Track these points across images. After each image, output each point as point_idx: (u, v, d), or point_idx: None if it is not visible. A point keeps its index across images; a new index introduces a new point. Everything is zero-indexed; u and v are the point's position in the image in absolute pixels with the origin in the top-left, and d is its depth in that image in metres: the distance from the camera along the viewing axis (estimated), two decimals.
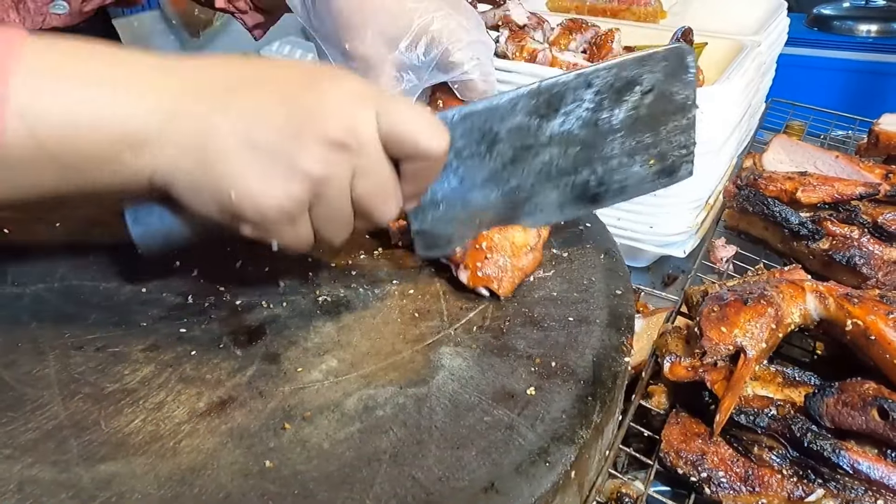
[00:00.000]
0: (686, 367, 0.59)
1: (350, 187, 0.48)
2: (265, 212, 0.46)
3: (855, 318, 0.59)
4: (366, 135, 0.46)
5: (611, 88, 0.57)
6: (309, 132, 0.45)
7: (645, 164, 0.61)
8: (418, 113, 0.49)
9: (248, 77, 0.47)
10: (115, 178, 0.45)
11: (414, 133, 0.48)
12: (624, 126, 0.58)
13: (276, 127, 0.45)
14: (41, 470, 0.43)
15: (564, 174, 0.60)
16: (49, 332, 0.55)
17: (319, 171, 0.46)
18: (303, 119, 0.45)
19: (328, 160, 0.46)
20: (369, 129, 0.47)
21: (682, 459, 0.56)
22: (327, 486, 0.43)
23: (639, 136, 0.59)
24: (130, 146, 0.43)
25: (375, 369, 0.53)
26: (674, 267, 1.02)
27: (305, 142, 0.45)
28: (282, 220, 0.47)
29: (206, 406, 0.49)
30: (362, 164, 0.47)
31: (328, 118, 0.45)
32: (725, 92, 0.84)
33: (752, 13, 1.16)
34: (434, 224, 0.59)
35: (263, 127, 0.45)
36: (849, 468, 0.52)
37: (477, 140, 0.56)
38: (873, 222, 0.82)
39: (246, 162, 0.44)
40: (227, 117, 0.44)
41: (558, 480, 0.45)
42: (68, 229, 0.68)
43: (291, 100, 0.46)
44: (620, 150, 0.59)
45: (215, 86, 0.46)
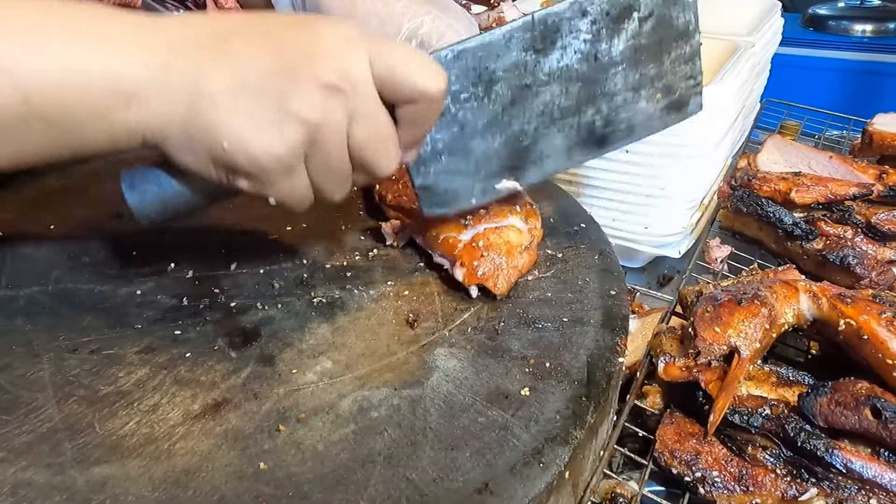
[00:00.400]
0: (680, 367, 0.60)
1: (346, 134, 0.46)
2: (259, 160, 0.45)
3: (848, 318, 0.59)
4: (360, 77, 0.45)
5: (607, 16, 0.55)
6: (301, 75, 0.44)
7: (651, 98, 0.59)
8: (412, 53, 0.48)
9: (238, 27, 0.46)
10: (108, 135, 0.44)
11: (410, 73, 0.47)
12: (625, 57, 0.56)
13: (267, 71, 0.44)
14: (35, 473, 0.43)
15: (568, 115, 0.57)
16: (43, 334, 0.55)
17: (313, 115, 0.44)
18: (295, 62, 0.44)
19: (322, 104, 0.44)
20: (363, 71, 0.45)
21: (676, 459, 0.56)
22: (322, 488, 0.43)
23: (642, 67, 0.57)
24: (121, 100, 0.43)
25: (370, 370, 0.53)
26: (669, 267, 1.02)
27: (298, 85, 0.44)
28: (277, 170, 0.46)
29: (201, 408, 0.49)
30: (358, 107, 0.46)
31: (320, 60, 0.44)
32: (719, 92, 0.85)
33: (746, 14, 1.16)
34: (437, 178, 0.56)
35: (254, 71, 0.44)
36: (842, 467, 0.52)
37: (473, 81, 0.54)
38: (867, 222, 0.82)
39: (237, 109, 0.43)
40: (217, 64, 0.44)
41: (552, 481, 0.45)
42: (63, 232, 0.68)
43: (283, 44, 0.45)
44: (624, 84, 0.57)
45: (206, 37, 0.45)
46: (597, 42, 0.55)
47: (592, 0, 0.54)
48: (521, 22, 0.54)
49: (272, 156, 0.45)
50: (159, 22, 0.46)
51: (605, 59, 0.56)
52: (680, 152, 0.85)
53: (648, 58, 0.57)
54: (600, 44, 0.55)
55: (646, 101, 0.58)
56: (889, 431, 0.52)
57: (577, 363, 0.54)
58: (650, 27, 0.56)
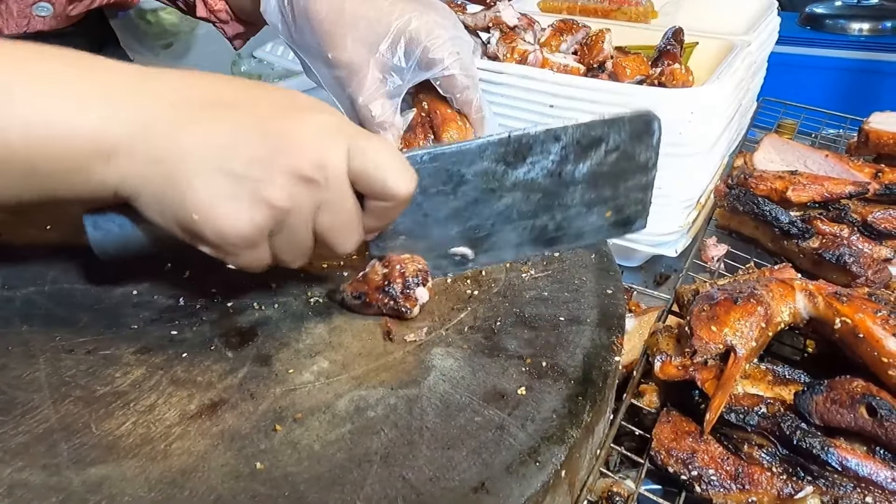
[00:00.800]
0: (677, 365, 0.60)
1: (313, 219, 0.48)
2: (226, 237, 0.46)
3: (844, 317, 0.59)
4: (335, 171, 0.47)
5: (577, 144, 0.59)
6: (278, 163, 0.45)
7: (602, 214, 0.63)
8: (390, 153, 0.50)
9: (224, 97, 0.47)
10: (82, 186, 0.45)
11: (384, 174, 0.49)
12: (585, 179, 0.61)
13: (246, 154, 0.45)
14: (31, 474, 0.43)
15: (524, 217, 0.61)
16: (40, 335, 0.55)
17: (284, 202, 0.46)
18: (274, 149, 0.45)
19: (294, 193, 0.46)
20: (339, 165, 0.47)
21: (672, 458, 0.57)
22: (318, 488, 0.43)
23: (599, 189, 0.61)
24: (101, 155, 0.43)
25: (367, 370, 0.53)
26: (666, 266, 1.02)
27: (274, 172, 0.45)
28: (241, 245, 0.47)
29: (198, 408, 0.49)
30: (328, 198, 0.48)
31: (299, 151, 0.46)
32: (716, 91, 0.85)
33: (743, 13, 1.16)
34: (393, 251, 0.60)
35: (233, 153, 0.44)
36: (837, 465, 0.52)
37: (444, 180, 0.57)
38: (863, 221, 0.82)
39: (212, 186, 0.44)
40: (198, 137, 0.44)
41: (549, 480, 0.45)
42: (59, 232, 0.68)
43: (265, 127, 0.46)
44: (580, 200, 0.61)
45: (190, 102, 0.45)
46: (563, 163, 0.59)
47: (566, 129, 0.58)
48: (498, 138, 0.58)
49: (239, 235, 0.46)
50: (144, 75, 0.46)
51: (568, 178, 0.60)
52: (676, 151, 0.85)
53: (606, 182, 0.61)
54: (566, 165, 0.60)
55: (596, 216, 0.63)
56: (885, 429, 0.52)
57: (573, 362, 0.54)
58: (613, 158, 0.60)
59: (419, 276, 0.57)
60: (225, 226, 0.45)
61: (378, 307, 0.57)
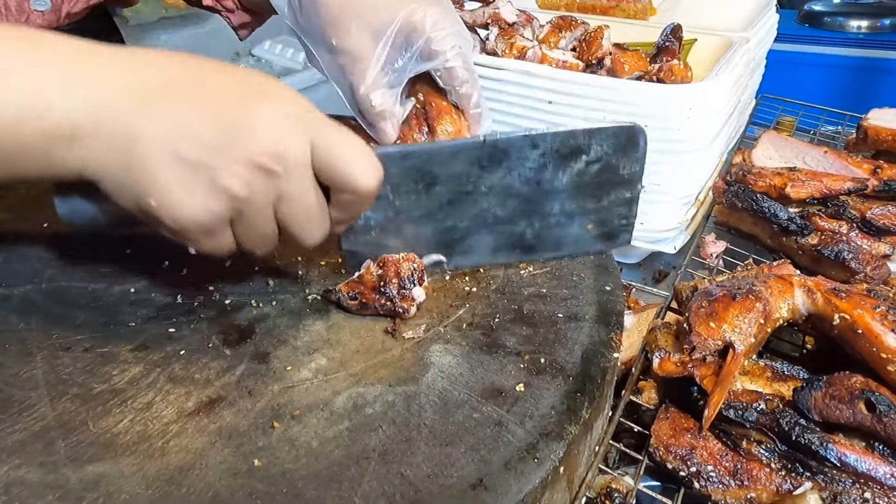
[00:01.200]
0: (675, 362, 0.60)
1: (273, 209, 0.48)
2: (183, 224, 0.46)
3: (842, 313, 0.59)
4: (294, 161, 0.46)
5: (556, 153, 0.58)
6: (235, 151, 0.45)
7: (583, 226, 0.63)
8: (355, 146, 0.49)
9: (184, 80, 0.46)
10: (46, 168, 0.45)
11: (348, 167, 0.48)
12: (566, 189, 0.60)
13: (202, 141, 0.44)
14: (28, 471, 0.42)
15: (501, 223, 0.61)
16: (37, 333, 0.55)
17: (240, 191, 0.46)
18: (231, 137, 0.45)
19: (251, 182, 0.46)
20: (299, 155, 0.47)
21: (671, 454, 0.56)
22: (316, 485, 0.43)
23: (580, 200, 0.61)
24: (61, 140, 0.43)
25: (365, 367, 0.53)
26: (664, 263, 1.02)
27: (230, 161, 0.45)
28: (199, 232, 0.47)
29: (195, 405, 0.49)
30: (288, 189, 0.47)
31: (257, 140, 0.45)
32: (714, 88, 0.84)
33: (741, 10, 1.16)
34: (364, 248, 0.59)
35: (190, 140, 0.44)
36: (836, 461, 0.52)
37: (415, 179, 0.57)
38: (861, 217, 0.82)
39: (169, 173, 0.44)
40: (154, 123, 0.44)
41: (547, 476, 0.45)
42: (56, 230, 0.68)
43: (223, 114, 0.45)
44: (560, 210, 0.61)
45: (149, 85, 0.45)
46: (542, 171, 0.59)
47: (545, 137, 0.57)
48: (472, 140, 0.57)
49: (196, 222, 0.46)
50: (105, 55, 0.46)
51: (547, 186, 0.60)
52: (675, 148, 0.85)
53: (588, 194, 0.61)
54: (544, 173, 0.59)
55: (577, 227, 0.63)
56: (883, 425, 0.52)
57: (571, 359, 0.54)
58: (595, 170, 0.60)
59: (415, 276, 0.57)
60: (180, 213, 0.45)
61: (375, 308, 0.57)
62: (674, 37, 0.97)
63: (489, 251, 0.62)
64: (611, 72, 0.93)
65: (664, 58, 0.93)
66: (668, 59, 0.92)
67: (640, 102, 0.83)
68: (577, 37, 0.99)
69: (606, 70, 0.94)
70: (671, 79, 0.89)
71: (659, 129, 0.84)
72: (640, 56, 0.94)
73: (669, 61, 0.91)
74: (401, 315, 0.57)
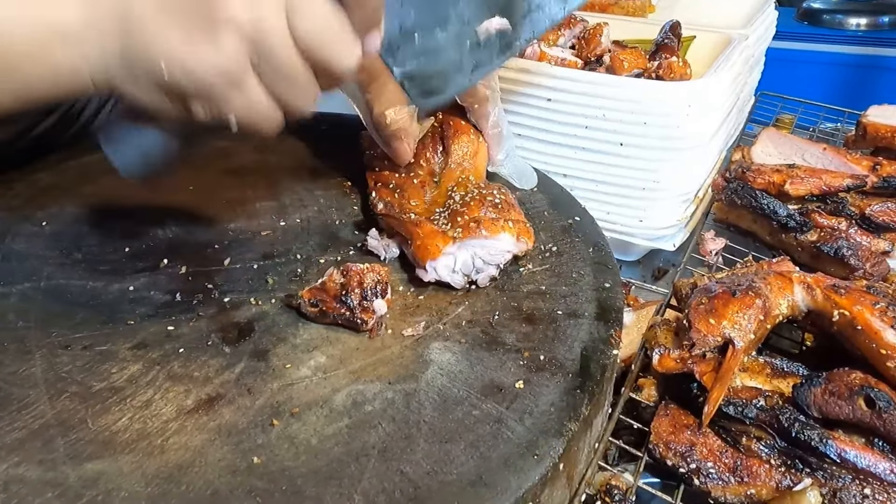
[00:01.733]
0: (675, 358, 0.60)
1: (290, 32, 0.43)
2: (199, 75, 0.42)
3: (842, 309, 0.59)
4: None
5: None
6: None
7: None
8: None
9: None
10: (52, 77, 0.44)
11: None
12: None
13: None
14: (27, 469, 0.42)
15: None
16: (35, 331, 0.54)
17: (244, 14, 0.41)
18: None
19: (254, 5, 0.41)
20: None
21: (671, 451, 0.56)
22: (315, 482, 0.43)
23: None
24: (56, 39, 0.43)
25: (364, 365, 0.53)
26: (664, 260, 1.02)
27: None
28: (222, 83, 0.43)
29: (194, 403, 0.49)
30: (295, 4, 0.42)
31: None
32: (713, 85, 0.84)
33: (740, 7, 1.16)
34: (418, 61, 0.51)
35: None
36: (836, 457, 0.52)
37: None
38: (861, 214, 0.82)
39: (166, 26, 0.42)
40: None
41: (546, 473, 0.45)
42: (55, 228, 0.68)
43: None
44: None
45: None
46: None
47: None
48: None
49: (211, 67, 0.42)
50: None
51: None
52: (674, 145, 0.85)
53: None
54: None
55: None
56: (883, 421, 0.52)
57: (571, 356, 0.54)
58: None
59: (378, 288, 0.55)
60: (193, 62, 0.42)
61: (333, 317, 0.55)
62: (673, 34, 0.98)
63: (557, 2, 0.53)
64: (610, 69, 0.93)
65: (663, 55, 0.93)
66: (667, 56, 0.92)
67: (639, 100, 0.83)
68: (576, 34, 0.99)
69: (605, 67, 0.94)
70: (670, 76, 0.89)
71: (658, 127, 0.84)
72: (639, 53, 0.94)
73: (668, 58, 0.91)
74: (358, 327, 0.55)
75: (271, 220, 0.70)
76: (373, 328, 0.55)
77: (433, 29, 0.50)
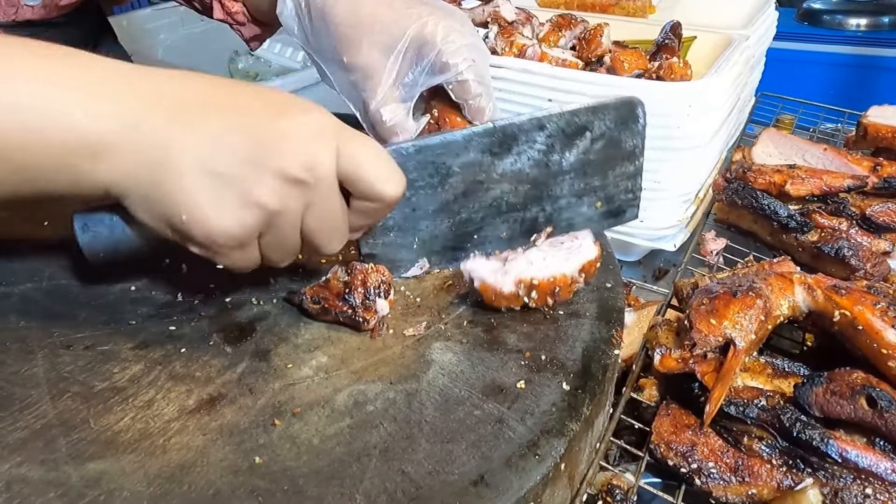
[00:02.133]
0: (676, 358, 0.60)
1: (301, 219, 0.48)
2: (215, 238, 0.46)
3: (843, 309, 0.59)
4: (324, 171, 0.47)
5: (562, 133, 0.59)
6: (268, 165, 0.45)
7: (592, 205, 0.63)
8: (378, 154, 0.50)
9: (214, 98, 0.46)
10: (72, 184, 0.45)
11: (373, 176, 0.49)
12: (573, 168, 0.61)
13: (235, 155, 0.44)
14: (29, 469, 0.42)
15: (514, 210, 0.61)
16: (37, 331, 0.55)
17: (273, 204, 0.46)
18: (263, 151, 0.45)
19: (283, 194, 0.46)
20: (328, 166, 0.47)
21: (672, 451, 0.56)
22: (317, 482, 0.43)
23: (587, 179, 0.62)
24: (87, 153, 0.43)
25: (366, 365, 0.53)
26: (665, 260, 1.02)
27: (263, 174, 0.45)
28: (230, 246, 0.47)
29: (196, 403, 0.49)
30: (315, 199, 0.48)
31: (289, 153, 0.45)
32: (714, 86, 0.84)
33: (741, 8, 1.16)
34: (383, 249, 0.59)
35: (223, 154, 0.44)
36: (837, 457, 0.52)
37: (431, 173, 0.57)
38: (861, 214, 0.82)
39: (201, 187, 0.44)
40: (187, 138, 0.44)
41: (548, 473, 0.45)
42: (56, 228, 0.68)
43: (254, 129, 0.46)
44: (569, 190, 0.62)
45: (180, 102, 0.45)
46: (550, 153, 0.60)
47: (551, 118, 0.58)
48: (483, 128, 0.58)
49: (228, 236, 0.46)
50: (135, 73, 0.46)
51: (555, 167, 0.61)
52: (675, 146, 0.85)
53: (594, 171, 0.62)
54: (552, 154, 0.60)
55: (587, 207, 0.63)
56: (884, 420, 0.52)
57: (572, 356, 0.54)
58: (600, 146, 0.61)
59: (381, 288, 0.56)
60: (214, 227, 0.45)
61: (335, 314, 0.56)
62: (673, 34, 0.98)
63: (504, 241, 0.62)
64: (610, 70, 0.93)
65: (664, 55, 0.93)
66: (668, 56, 0.92)
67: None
68: (576, 35, 0.99)
69: (606, 68, 0.94)
70: (671, 76, 0.89)
71: (659, 127, 0.84)
72: (639, 54, 0.94)
73: (669, 59, 0.91)
74: (359, 326, 0.55)
75: None
76: (374, 328, 0.56)
77: (407, 232, 0.59)
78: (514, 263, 0.57)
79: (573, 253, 0.59)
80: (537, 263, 0.57)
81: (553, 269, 0.57)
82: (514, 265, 0.57)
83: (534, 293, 0.56)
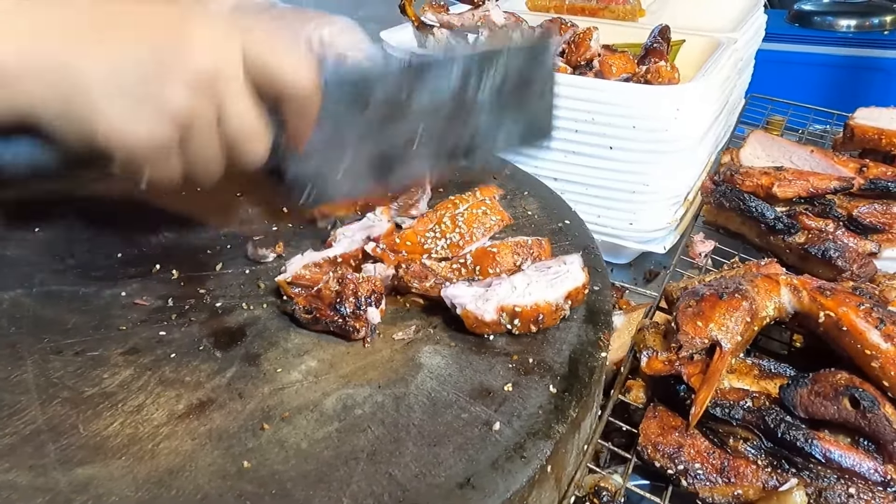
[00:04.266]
0: (663, 360, 0.60)
1: (217, 124, 0.48)
2: (132, 149, 0.46)
3: (827, 310, 0.60)
4: (231, 71, 0.47)
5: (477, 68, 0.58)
6: (173, 71, 0.45)
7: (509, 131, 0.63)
8: (286, 47, 0.49)
9: (112, 15, 0.47)
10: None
11: (278, 65, 0.48)
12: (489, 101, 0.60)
13: (140, 66, 0.45)
14: (18, 475, 0.43)
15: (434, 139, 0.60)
16: (27, 337, 0.55)
17: (185, 108, 0.46)
18: (168, 57, 0.45)
19: (193, 97, 0.46)
20: (234, 65, 0.47)
21: (659, 452, 0.57)
22: (304, 486, 0.43)
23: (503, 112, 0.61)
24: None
25: (354, 368, 0.53)
26: (655, 263, 1.03)
27: (170, 81, 0.45)
28: (149, 158, 0.47)
29: (186, 408, 0.49)
30: (227, 100, 0.47)
31: (193, 55, 0.46)
32: (702, 88, 0.85)
33: (729, 11, 1.17)
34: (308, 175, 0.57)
35: (128, 67, 0.45)
36: (821, 457, 0.53)
37: (347, 101, 0.56)
38: (848, 216, 0.83)
39: (111, 102, 0.45)
40: (91, 55, 0.45)
41: (534, 475, 0.46)
42: (47, 234, 0.68)
43: (156, 39, 0.46)
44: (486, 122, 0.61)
45: (78, 25, 0.46)
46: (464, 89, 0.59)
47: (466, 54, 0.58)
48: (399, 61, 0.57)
49: (146, 146, 0.46)
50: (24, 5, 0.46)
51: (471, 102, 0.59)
52: (663, 148, 0.86)
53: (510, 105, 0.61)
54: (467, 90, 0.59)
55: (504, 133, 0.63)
56: (867, 421, 0.52)
57: (559, 359, 0.55)
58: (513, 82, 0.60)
59: (372, 298, 0.56)
60: (130, 139, 0.45)
61: (326, 324, 0.56)
62: (662, 38, 0.98)
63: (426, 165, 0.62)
64: (599, 73, 0.94)
65: (652, 59, 0.94)
66: (656, 60, 0.93)
67: (628, 103, 0.84)
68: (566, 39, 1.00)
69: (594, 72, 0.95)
70: (658, 80, 0.89)
71: (647, 130, 0.85)
72: (627, 58, 0.95)
73: (657, 62, 0.92)
74: (349, 335, 0.55)
75: (263, 225, 0.71)
76: (364, 337, 0.56)
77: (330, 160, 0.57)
78: (497, 289, 0.56)
79: (559, 278, 0.58)
80: (521, 289, 0.57)
81: (537, 296, 0.56)
82: (497, 291, 0.56)
83: (516, 321, 0.56)
